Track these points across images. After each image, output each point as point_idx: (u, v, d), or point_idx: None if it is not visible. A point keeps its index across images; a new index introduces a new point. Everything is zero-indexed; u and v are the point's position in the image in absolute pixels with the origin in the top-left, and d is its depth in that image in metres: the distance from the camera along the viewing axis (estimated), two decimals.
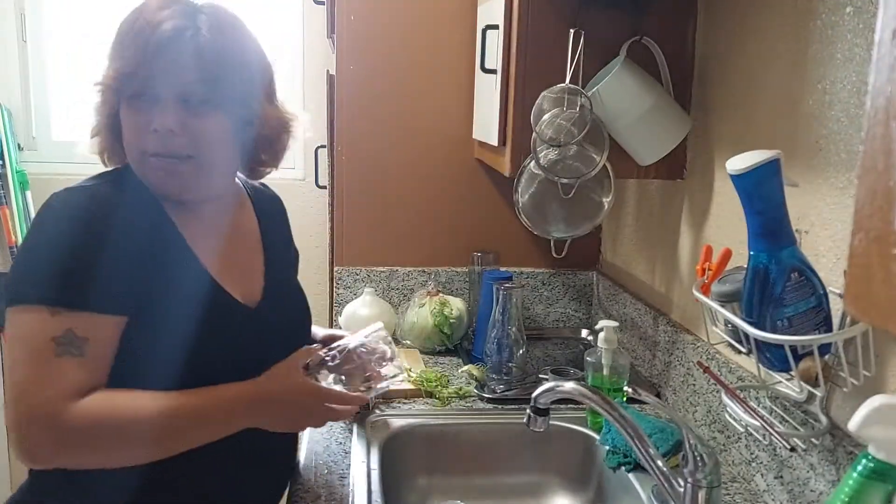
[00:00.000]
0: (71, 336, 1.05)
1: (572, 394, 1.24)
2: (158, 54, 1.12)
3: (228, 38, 1.19)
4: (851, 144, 1.15)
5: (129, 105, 1.15)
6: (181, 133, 1.14)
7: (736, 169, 1.09)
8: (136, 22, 1.14)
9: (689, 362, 1.63)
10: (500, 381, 1.79)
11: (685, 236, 1.74)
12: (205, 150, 1.18)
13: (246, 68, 1.22)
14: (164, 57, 1.12)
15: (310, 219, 3.04)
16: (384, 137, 2.19)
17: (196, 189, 1.21)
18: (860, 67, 1.13)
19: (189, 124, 1.15)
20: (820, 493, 1.19)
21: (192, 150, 1.16)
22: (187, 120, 1.15)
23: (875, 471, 0.91)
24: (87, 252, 1.08)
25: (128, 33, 1.15)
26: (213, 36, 1.16)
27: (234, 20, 1.23)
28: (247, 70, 1.23)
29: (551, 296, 2.31)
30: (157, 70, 1.12)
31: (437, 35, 2.14)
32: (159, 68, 1.12)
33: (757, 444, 1.36)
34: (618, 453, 1.50)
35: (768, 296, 1.11)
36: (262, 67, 1.28)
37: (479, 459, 1.66)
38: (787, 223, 1.11)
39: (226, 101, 1.18)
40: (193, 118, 1.15)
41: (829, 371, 1.12)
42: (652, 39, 1.63)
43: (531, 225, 1.73)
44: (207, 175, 1.21)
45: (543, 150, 1.60)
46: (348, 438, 1.57)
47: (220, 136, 1.19)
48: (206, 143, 1.17)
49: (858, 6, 1.13)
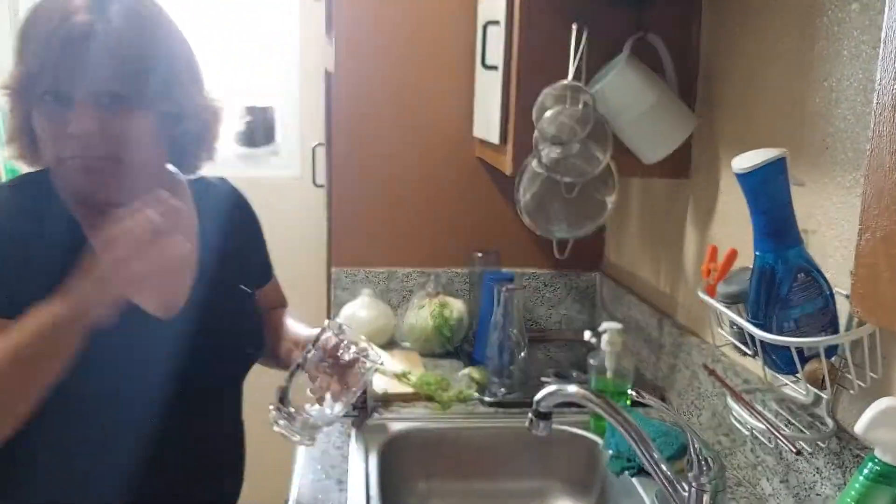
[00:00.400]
0: None
1: (575, 397, 1.23)
2: (67, 50, 1.02)
3: (147, 29, 1.09)
4: (858, 143, 1.14)
5: (40, 108, 1.06)
6: (101, 136, 1.06)
7: (741, 168, 1.08)
8: (40, 15, 1.05)
9: (695, 365, 1.61)
10: (501, 385, 1.78)
11: (690, 236, 1.73)
12: (129, 151, 1.09)
13: (168, 60, 1.12)
14: (73, 53, 1.02)
15: (307, 218, 3.03)
16: (383, 135, 2.17)
17: (120, 192, 1.09)
18: (867, 65, 1.12)
19: (109, 125, 1.06)
20: (826, 497, 1.18)
21: (115, 153, 1.08)
22: (106, 121, 1.06)
23: (881, 474, 0.91)
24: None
25: (32, 28, 1.05)
26: (128, 27, 1.06)
27: (152, 7, 1.13)
28: (169, 62, 1.12)
29: (554, 297, 2.29)
30: (67, 68, 1.02)
31: (437, 31, 2.12)
32: (69, 66, 1.02)
33: (762, 448, 1.35)
34: (621, 458, 1.48)
35: (774, 297, 1.10)
36: (185, 57, 1.18)
37: (479, 464, 1.64)
38: (794, 223, 1.10)
39: (148, 97, 1.08)
40: (113, 118, 1.06)
41: (836, 373, 1.11)
42: (656, 35, 1.61)
43: (533, 225, 1.71)
44: (133, 177, 1.11)
45: (546, 149, 1.59)
46: (346, 443, 1.55)
47: (145, 135, 1.11)
48: (130, 144, 1.09)
49: (865, 3, 1.12)
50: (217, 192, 1.40)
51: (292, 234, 3.02)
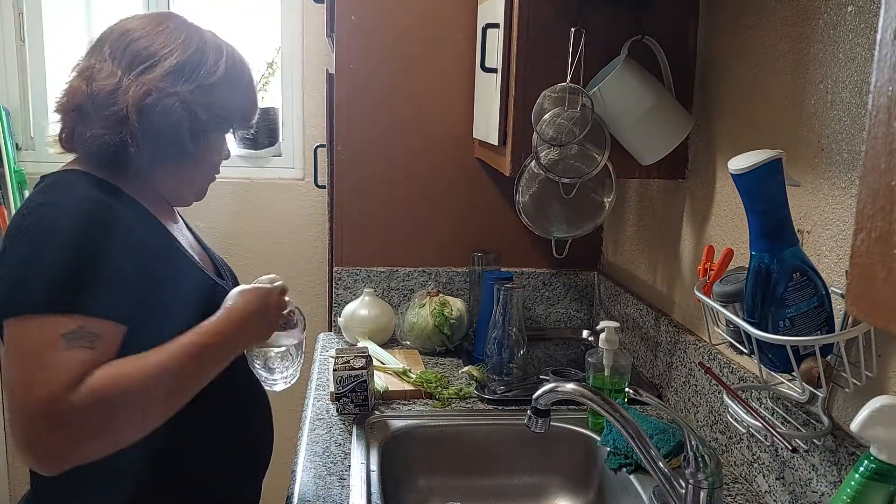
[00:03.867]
0: (82, 331, 1.03)
1: (573, 395, 1.24)
2: (254, 100, 1.35)
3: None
4: (853, 144, 1.15)
5: (220, 135, 1.31)
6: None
7: (737, 168, 1.08)
8: (238, 65, 1.29)
9: (691, 363, 1.62)
10: (500, 382, 1.79)
11: (687, 236, 1.74)
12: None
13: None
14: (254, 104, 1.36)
15: (309, 219, 3.03)
16: (384, 137, 2.18)
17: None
18: (862, 67, 1.13)
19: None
20: (822, 494, 1.18)
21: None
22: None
23: (877, 472, 0.91)
24: (93, 259, 1.07)
25: (235, 74, 1.27)
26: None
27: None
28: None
29: (552, 296, 2.30)
30: (252, 112, 1.35)
31: (437, 34, 2.13)
32: (252, 111, 1.35)
33: (759, 445, 1.36)
34: (619, 454, 1.49)
35: (770, 296, 1.10)
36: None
37: (479, 461, 1.65)
38: (789, 223, 1.10)
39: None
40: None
41: (831, 372, 1.12)
42: (653, 38, 1.62)
43: (532, 225, 1.72)
44: None
45: (544, 150, 1.60)
46: (348, 440, 1.56)
47: None
48: None
49: (860, 6, 1.13)
50: None
51: (294, 233, 3.03)
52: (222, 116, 1.26)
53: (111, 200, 1.15)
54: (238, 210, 2.96)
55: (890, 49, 0.52)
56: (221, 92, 1.24)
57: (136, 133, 1.16)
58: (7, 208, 2.88)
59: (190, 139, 1.22)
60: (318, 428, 1.61)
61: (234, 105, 1.28)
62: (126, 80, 1.17)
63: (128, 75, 1.17)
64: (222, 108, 1.25)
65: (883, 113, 0.53)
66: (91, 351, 1.03)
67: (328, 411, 1.68)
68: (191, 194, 1.34)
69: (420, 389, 1.77)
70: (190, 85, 1.20)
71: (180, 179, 1.30)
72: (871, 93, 0.54)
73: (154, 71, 1.18)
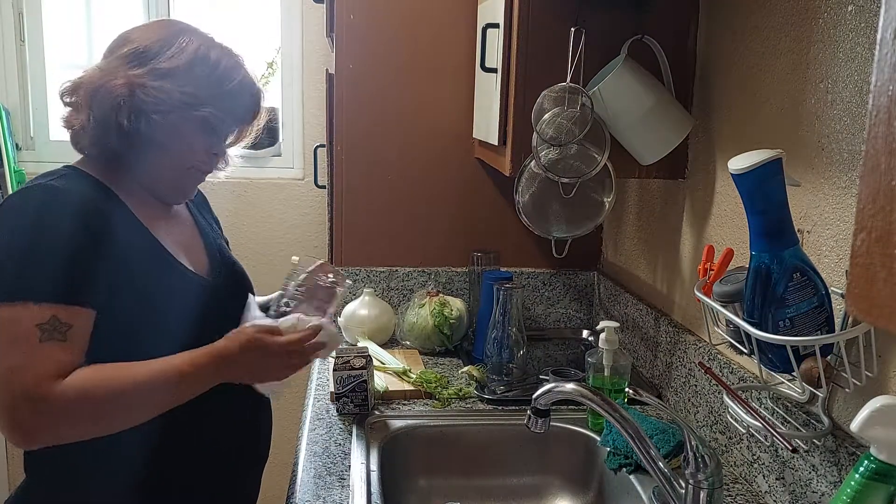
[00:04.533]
0: (55, 322, 1.10)
1: (573, 395, 1.24)
2: (236, 92, 1.32)
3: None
4: (854, 144, 1.15)
5: (201, 127, 1.29)
6: (220, 158, 1.38)
7: (737, 168, 1.08)
8: (215, 58, 1.29)
9: (691, 363, 1.62)
10: (500, 382, 1.79)
11: (687, 236, 1.74)
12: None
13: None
14: (248, 102, 1.37)
15: (309, 219, 3.03)
16: (384, 137, 2.18)
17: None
18: (862, 66, 1.13)
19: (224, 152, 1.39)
20: (822, 495, 1.18)
21: (210, 171, 1.38)
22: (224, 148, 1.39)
23: (877, 472, 0.91)
24: (64, 249, 1.13)
25: (206, 64, 1.28)
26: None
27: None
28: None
29: (552, 296, 2.30)
30: (243, 111, 1.36)
31: (437, 34, 2.13)
32: (244, 110, 1.36)
33: (759, 445, 1.36)
34: (619, 455, 1.49)
35: (770, 296, 1.10)
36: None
37: (479, 461, 1.65)
38: (789, 223, 1.10)
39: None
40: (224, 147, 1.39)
41: (831, 372, 1.11)
42: (653, 38, 1.62)
43: (532, 225, 1.72)
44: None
45: (544, 150, 1.60)
46: (348, 439, 1.56)
47: None
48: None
49: (860, 5, 1.13)
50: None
51: (294, 233, 3.03)
52: (181, 101, 1.25)
53: (93, 194, 1.21)
54: (238, 210, 2.96)
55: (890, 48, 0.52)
56: (180, 77, 1.25)
57: (83, 114, 1.24)
58: None
59: (126, 118, 1.22)
60: (318, 428, 1.61)
61: (198, 92, 1.26)
62: (95, 70, 1.26)
63: (99, 65, 1.26)
64: (179, 93, 1.24)
65: (883, 113, 0.52)
66: (63, 343, 1.11)
67: (328, 411, 1.68)
68: (171, 188, 1.35)
69: (420, 389, 1.77)
70: (140, 68, 1.24)
71: (150, 169, 1.30)
72: (872, 92, 0.54)
73: (113, 57, 1.26)
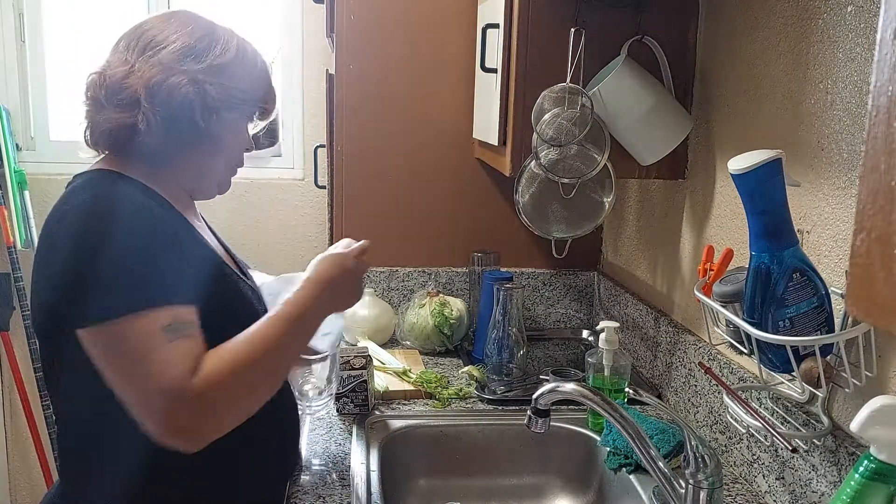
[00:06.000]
0: (177, 322, 1.09)
1: (573, 395, 1.24)
2: (270, 85, 1.38)
3: None
4: (853, 144, 1.15)
5: (249, 122, 1.34)
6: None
7: (737, 169, 1.08)
8: (250, 51, 1.32)
9: (691, 363, 1.62)
10: (500, 382, 1.79)
11: (686, 236, 1.74)
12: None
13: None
14: (273, 98, 1.40)
15: (309, 219, 3.04)
16: (384, 137, 2.18)
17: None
18: (862, 67, 1.13)
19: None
20: (822, 495, 1.18)
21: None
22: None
23: (877, 472, 0.91)
24: (154, 253, 1.12)
25: (247, 58, 1.30)
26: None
27: None
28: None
29: (552, 296, 2.30)
30: (271, 107, 1.39)
31: (437, 34, 2.13)
32: (269, 96, 1.37)
33: (759, 445, 1.36)
34: (619, 454, 1.49)
35: (770, 296, 1.10)
36: None
37: (479, 461, 1.65)
38: (789, 223, 1.10)
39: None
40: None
41: (831, 372, 1.11)
42: (653, 38, 1.62)
43: (532, 225, 1.72)
44: None
45: (544, 150, 1.60)
46: (348, 440, 1.56)
47: None
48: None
49: (860, 5, 1.13)
50: None
51: (294, 234, 3.03)
52: (237, 97, 1.27)
53: (143, 198, 1.19)
54: (238, 210, 2.96)
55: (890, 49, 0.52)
56: (233, 73, 1.26)
57: (148, 113, 1.19)
58: (7, 208, 2.88)
59: (201, 117, 1.22)
60: (318, 428, 1.61)
61: (247, 87, 1.29)
62: (137, 64, 1.20)
63: (139, 60, 1.21)
64: (236, 90, 1.26)
65: (883, 113, 0.53)
66: (191, 338, 1.10)
67: (328, 411, 1.68)
68: (213, 184, 1.35)
69: (420, 389, 1.77)
70: (199, 64, 1.22)
71: (201, 166, 1.30)
72: (871, 93, 0.54)
73: (163, 52, 1.21)
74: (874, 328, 1.05)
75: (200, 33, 1.25)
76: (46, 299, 1.14)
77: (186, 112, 1.21)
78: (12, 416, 3.06)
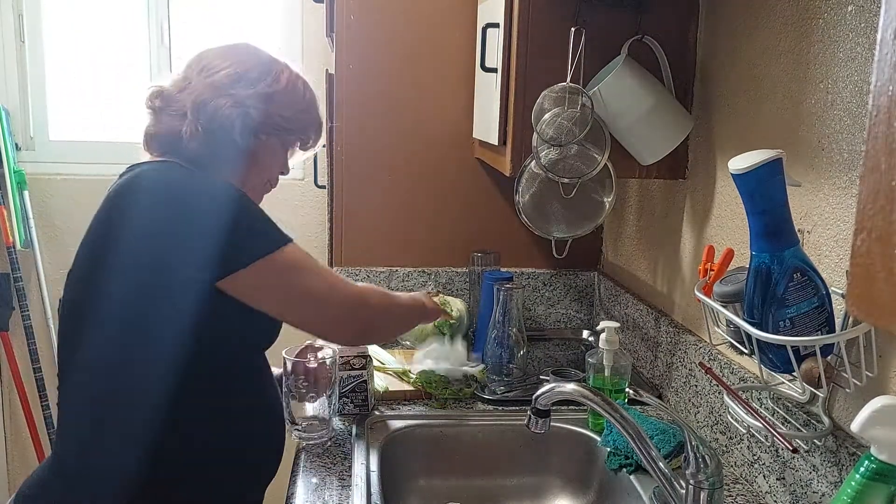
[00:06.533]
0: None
1: (573, 395, 1.24)
2: (316, 119, 1.53)
3: None
4: (854, 144, 1.15)
5: (287, 148, 1.49)
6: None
7: (738, 168, 1.08)
8: (301, 86, 1.47)
9: (691, 363, 1.62)
10: (500, 383, 1.79)
11: (687, 236, 1.74)
12: None
13: None
14: (319, 132, 1.56)
15: (309, 219, 3.03)
16: (383, 137, 2.18)
17: None
18: (862, 66, 1.13)
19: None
20: (822, 495, 1.18)
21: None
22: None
23: (878, 472, 0.91)
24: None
25: (297, 91, 1.45)
26: None
27: None
28: None
29: (552, 296, 2.30)
30: (315, 139, 1.54)
31: (437, 34, 2.13)
32: (312, 127, 1.51)
33: (759, 446, 1.36)
34: (619, 455, 1.49)
35: (770, 296, 1.10)
36: None
37: (479, 461, 1.65)
38: (790, 223, 1.10)
39: None
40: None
41: (832, 372, 1.11)
42: (653, 38, 1.62)
43: (532, 225, 1.72)
44: None
45: (544, 150, 1.60)
46: (347, 440, 1.56)
47: None
48: None
49: (860, 5, 1.13)
50: None
51: (294, 233, 3.02)
52: (278, 124, 1.40)
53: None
54: None
55: (890, 48, 0.52)
56: (279, 102, 1.39)
57: (191, 125, 1.32)
58: (7, 208, 2.88)
59: (240, 135, 1.34)
60: None
61: (291, 117, 1.42)
62: (193, 83, 1.35)
63: (196, 79, 1.35)
64: (279, 117, 1.39)
65: (883, 113, 0.53)
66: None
67: None
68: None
69: (420, 389, 1.76)
70: (248, 90, 1.35)
71: (235, 179, 1.37)
72: (872, 92, 0.54)
73: (217, 75, 1.34)
74: (875, 328, 1.05)
75: (255, 63, 1.39)
76: (170, 250, 1.22)
77: (226, 129, 1.33)
78: (12, 416, 3.06)
